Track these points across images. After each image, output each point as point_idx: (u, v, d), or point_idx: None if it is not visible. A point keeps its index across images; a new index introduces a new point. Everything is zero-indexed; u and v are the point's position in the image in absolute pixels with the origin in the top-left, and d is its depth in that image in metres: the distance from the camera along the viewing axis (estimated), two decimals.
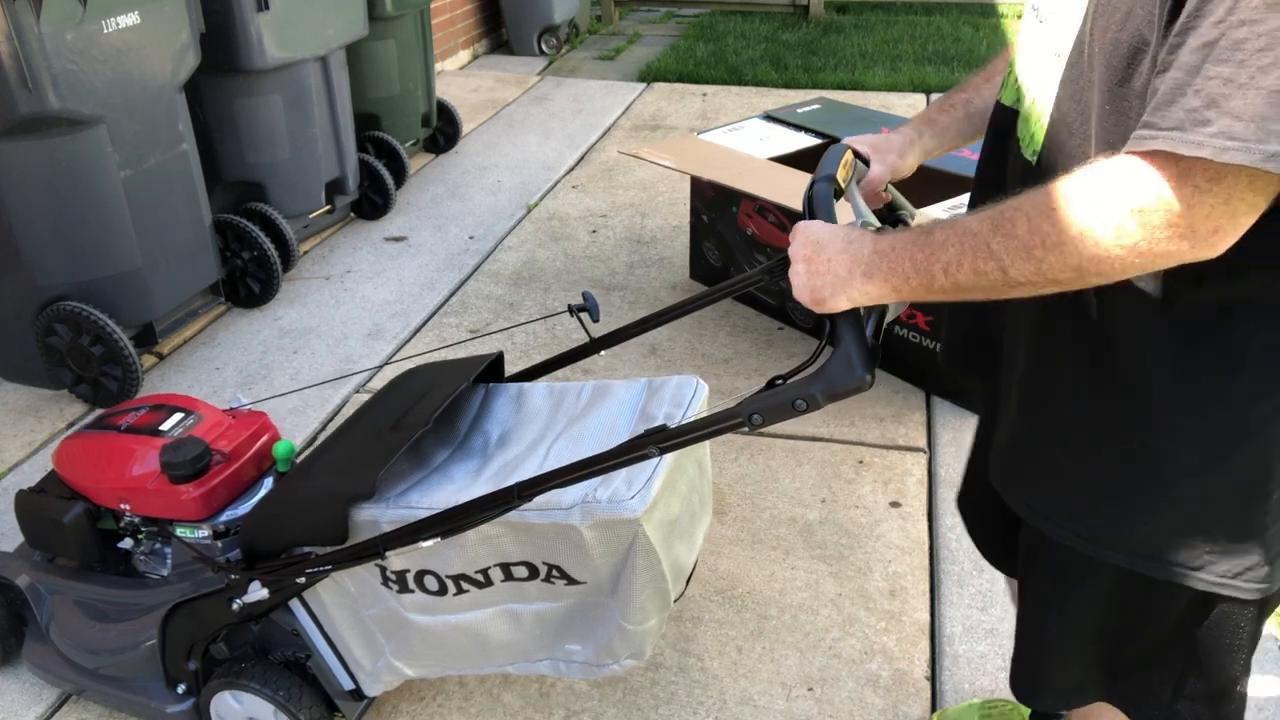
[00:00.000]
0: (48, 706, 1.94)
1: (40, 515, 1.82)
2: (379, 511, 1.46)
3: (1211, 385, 0.98)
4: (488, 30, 7.22)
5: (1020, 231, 0.89)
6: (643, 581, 1.42)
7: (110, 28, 2.61)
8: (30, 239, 2.67)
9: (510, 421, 1.67)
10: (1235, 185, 0.79)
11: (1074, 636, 1.22)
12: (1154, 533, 1.06)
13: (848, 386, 1.03)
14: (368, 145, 4.26)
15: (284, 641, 1.69)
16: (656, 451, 1.21)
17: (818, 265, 1.03)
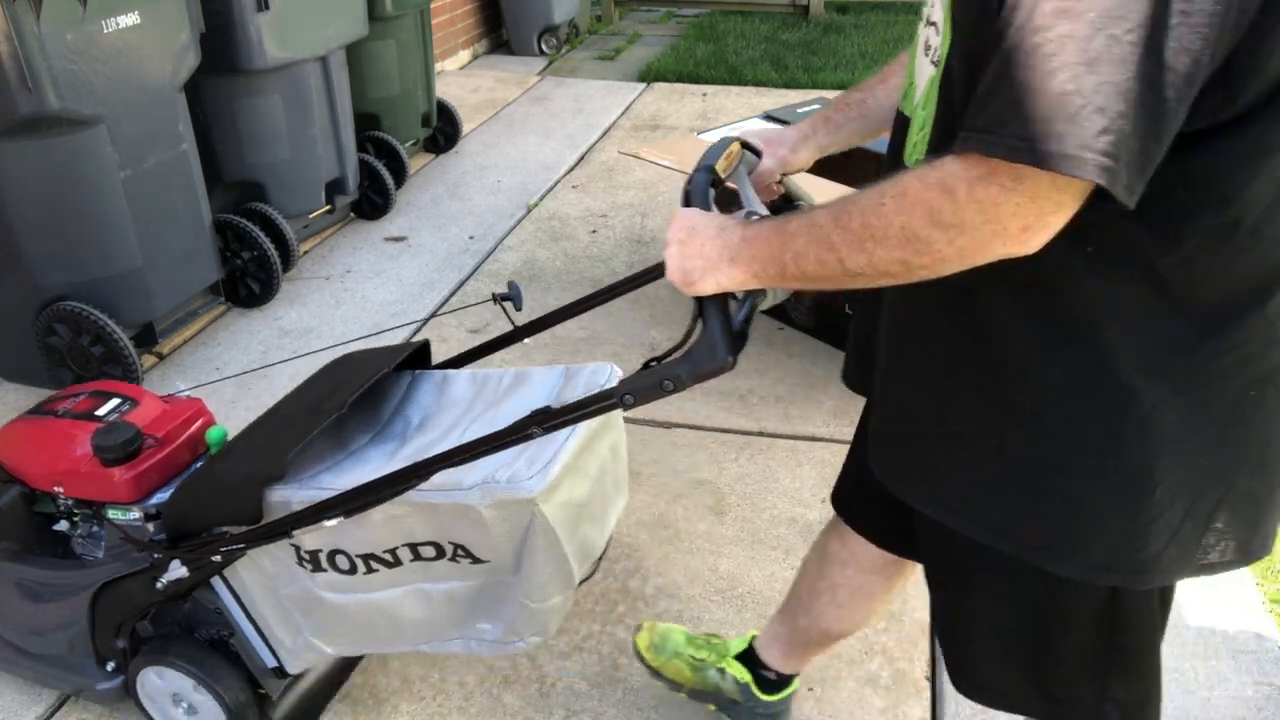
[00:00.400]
0: (48, 707, 1.94)
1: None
2: (291, 492, 1.51)
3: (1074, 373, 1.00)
4: (488, 30, 7.22)
5: (854, 225, 0.93)
6: (543, 560, 1.46)
7: (110, 28, 2.60)
8: (30, 239, 2.67)
9: (431, 407, 1.72)
10: (1038, 185, 0.82)
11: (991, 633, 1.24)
12: (1038, 524, 1.08)
13: (711, 368, 1.08)
14: (368, 145, 4.26)
15: (209, 620, 1.74)
16: (540, 431, 1.26)
17: (690, 249, 1.08)
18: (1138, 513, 1.03)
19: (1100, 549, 1.06)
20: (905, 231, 0.89)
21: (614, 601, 2.18)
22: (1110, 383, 0.98)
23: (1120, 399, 0.99)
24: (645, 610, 2.15)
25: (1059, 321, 0.99)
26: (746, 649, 1.81)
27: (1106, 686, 1.20)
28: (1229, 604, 2.17)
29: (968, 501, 1.12)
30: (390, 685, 1.98)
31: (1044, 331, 1.00)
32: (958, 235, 0.87)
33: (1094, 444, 1.01)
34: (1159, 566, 1.07)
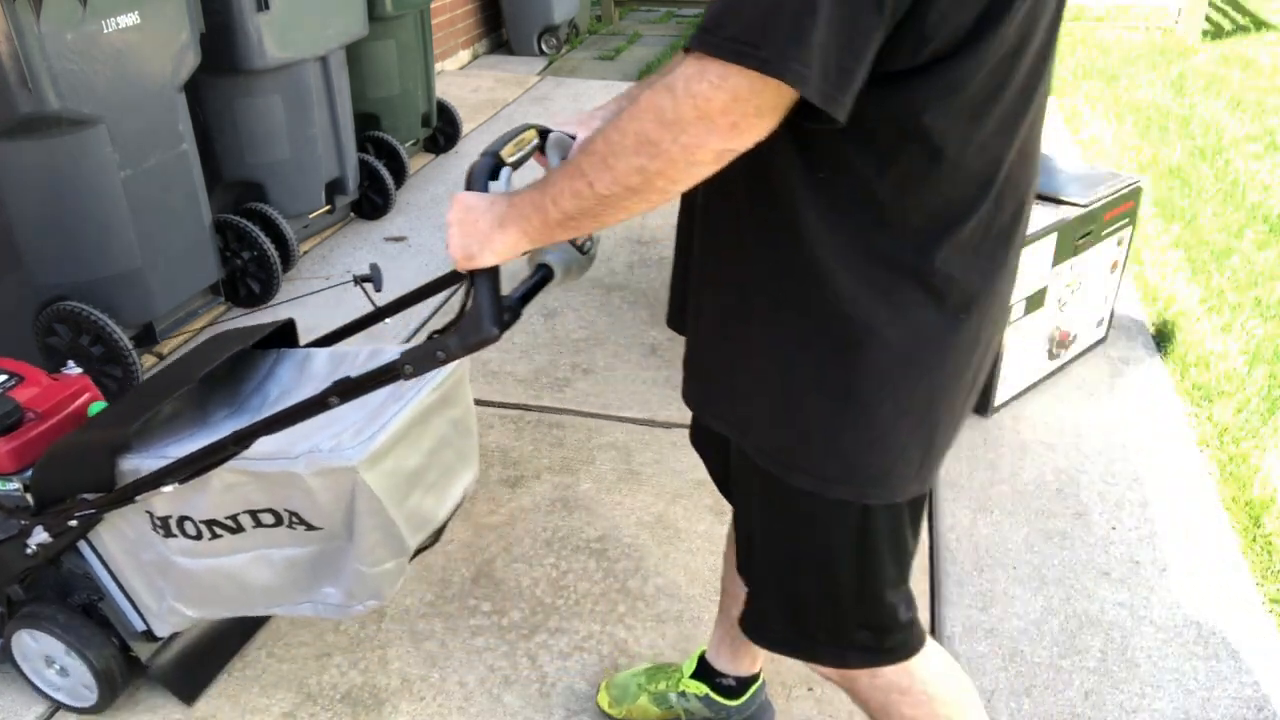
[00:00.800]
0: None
1: None
2: (141, 461, 1.62)
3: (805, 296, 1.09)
4: (488, 30, 7.22)
5: (599, 145, 0.99)
6: (369, 526, 1.54)
7: (110, 28, 2.60)
8: (30, 239, 2.67)
9: (290, 384, 1.81)
10: (740, 85, 0.89)
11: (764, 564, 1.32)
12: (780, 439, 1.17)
13: (478, 339, 1.16)
14: (368, 145, 4.26)
15: (80, 585, 1.82)
16: (337, 401, 1.37)
17: (467, 227, 1.13)
18: (865, 430, 1.12)
19: (834, 464, 1.15)
20: (639, 136, 0.95)
21: (614, 601, 2.18)
22: (837, 308, 1.07)
23: (844, 321, 1.08)
24: (645, 610, 2.15)
25: (797, 247, 1.07)
26: (699, 664, 1.83)
27: (855, 612, 1.28)
28: (1229, 604, 2.17)
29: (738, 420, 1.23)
30: (390, 685, 1.98)
31: (784, 258, 1.09)
32: (680, 133, 0.93)
33: (823, 363, 1.11)
34: (888, 483, 1.16)
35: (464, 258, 1.14)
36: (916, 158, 1.01)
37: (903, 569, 1.28)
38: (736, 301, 1.17)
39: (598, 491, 2.53)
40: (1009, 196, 1.09)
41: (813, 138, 0.99)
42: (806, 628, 1.32)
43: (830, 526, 1.21)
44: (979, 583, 2.22)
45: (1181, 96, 5.87)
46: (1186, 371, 3.03)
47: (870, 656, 1.31)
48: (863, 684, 1.36)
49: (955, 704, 1.36)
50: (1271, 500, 2.47)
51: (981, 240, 1.09)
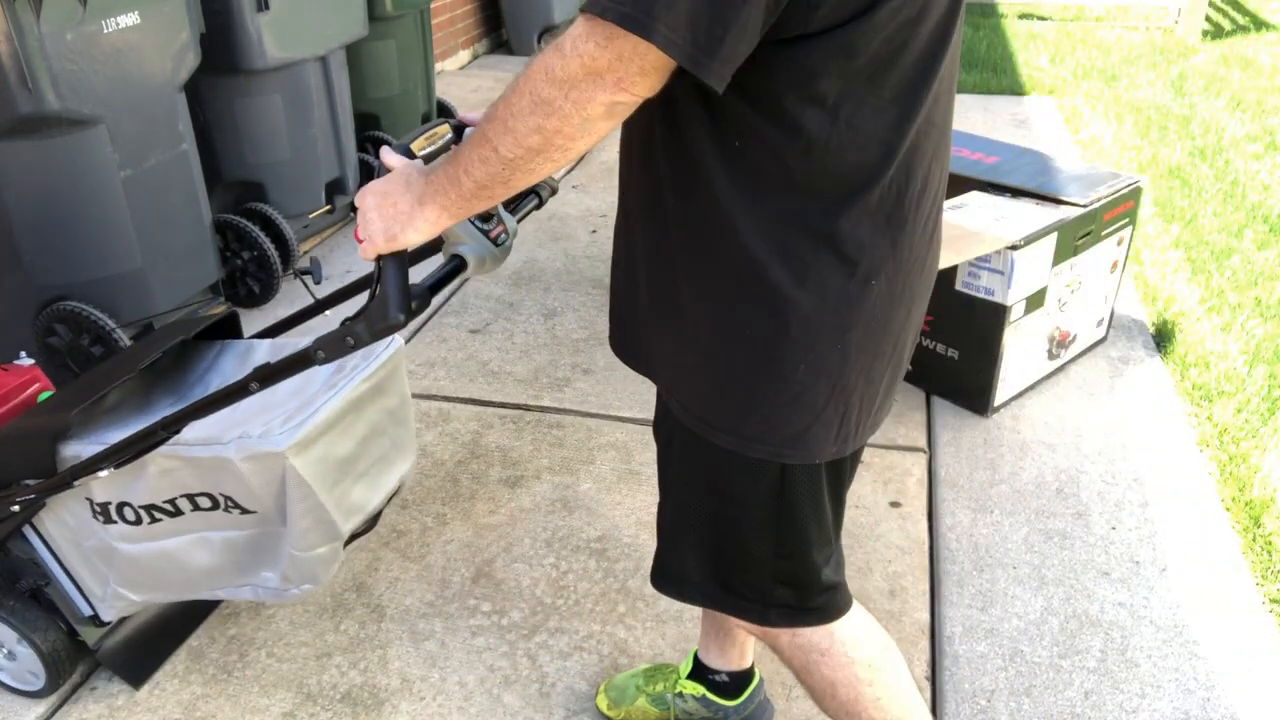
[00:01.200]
0: (48, 707, 1.94)
1: None
2: (81, 447, 1.65)
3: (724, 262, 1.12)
4: (488, 30, 7.22)
5: (499, 111, 1.02)
6: (300, 511, 1.58)
7: (110, 28, 2.60)
8: (30, 239, 2.67)
9: (232, 374, 1.84)
10: (624, 46, 0.93)
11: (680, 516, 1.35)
12: (702, 398, 1.21)
13: (385, 325, 1.17)
14: (368, 145, 4.26)
15: (27, 570, 1.85)
16: (258, 387, 1.40)
17: (386, 208, 1.14)
18: (782, 391, 1.16)
19: (753, 423, 1.18)
20: (534, 96, 0.98)
21: (614, 601, 2.18)
22: (751, 272, 1.10)
23: (759, 285, 1.11)
24: (645, 610, 2.15)
25: (714, 214, 1.10)
26: (694, 664, 1.83)
27: (776, 570, 1.30)
28: (1229, 604, 2.17)
29: (664, 376, 1.27)
30: (390, 685, 1.98)
31: (702, 223, 1.12)
32: (570, 89, 0.96)
33: (742, 326, 1.14)
34: (805, 443, 1.19)
35: (386, 239, 1.14)
36: (817, 123, 1.03)
37: (824, 530, 1.30)
38: (659, 262, 1.20)
39: (598, 491, 2.53)
40: (917, 164, 1.12)
41: (721, 105, 1.03)
42: (729, 583, 1.35)
43: (750, 485, 1.24)
44: (979, 583, 2.22)
45: (1181, 96, 5.87)
46: (1186, 371, 3.03)
47: (792, 615, 1.34)
48: (784, 642, 1.39)
49: (877, 667, 1.38)
50: (1271, 500, 2.46)
51: (893, 209, 1.11)
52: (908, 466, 2.61)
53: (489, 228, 1.31)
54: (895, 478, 2.57)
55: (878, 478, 2.57)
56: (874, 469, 2.60)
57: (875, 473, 2.59)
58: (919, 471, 2.60)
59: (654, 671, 1.90)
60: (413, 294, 1.18)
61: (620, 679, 1.92)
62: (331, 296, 1.81)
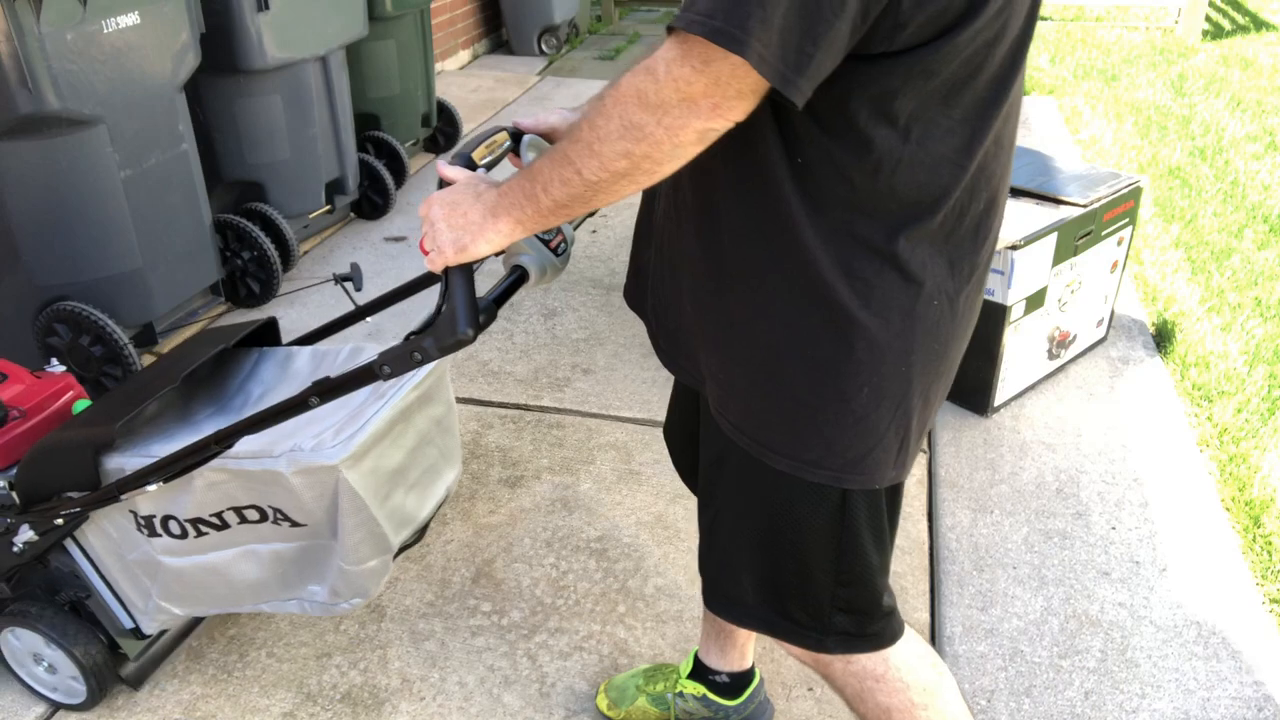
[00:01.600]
0: (48, 706, 1.94)
1: None
2: (125, 460, 1.63)
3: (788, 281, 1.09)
4: (488, 30, 7.22)
5: (584, 133, 0.99)
6: (352, 525, 1.55)
7: (110, 28, 2.60)
8: (30, 239, 2.67)
9: (272, 382, 1.82)
10: (721, 71, 0.90)
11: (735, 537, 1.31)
12: (760, 419, 1.18)
13: (454, 340, 1.15)
14: (368, 145, 4.26)
15: (67, 583, 1.83)
16: (318, 401, 1.37)
17: (456, 219, 1.12)
18: (844, 414, 1.13)
19: (812, 447, 1.15)
20: (623, 120, 0.96)
21: (614, 601, 2.18)
22: (816, 291, 1.08)
23: (824, 304, 1.08)
24: (645, 610, 2.15)
25: (776, 230, 1.08)
26: (694, 664, 1.83)
27: (835, 596, 1.27)
28: (1229, 604, 2.17)
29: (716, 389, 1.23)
30: (390, 685, 1.98)
31: (762, 237, 1.09)
32: (663, 115, 0.94)
33: (804, 345, 1.11)
34: (867, 467, 1.16)
35: (456, 250, 1.12)
36: (887, 142, 1.01)
37: (885, 555, 1.28)
38: (709, 272, 1.17)
39: (598, 491, 2.53)
40: (983, 186, 1.10)
41: (792, 118, 1.01)
42: (785, 609, 1.31)
43: (809, 510, 1.21)
44: (979, 583, 2.22)
45: (1181, 96, 5.87)
46: (1186, 371, 3.03)
47: (849, 642, 1.31)
48: (837, 669, 1.36)
49: (932, 691, 1.36)
50: (1271, 500, 2.46)
51: (954, 229, 1.10)
52: None
53: (549, 238, 1.29)
54: None
55: None
56: None
57: None
58: (919, 471, 2.60)
59: (654, 671, 1.90)
60: (480, 307, 1.15)
61: (620, 679, 1.92)
62: (373, 304, 1.78)
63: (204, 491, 1.59)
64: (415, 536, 1.76)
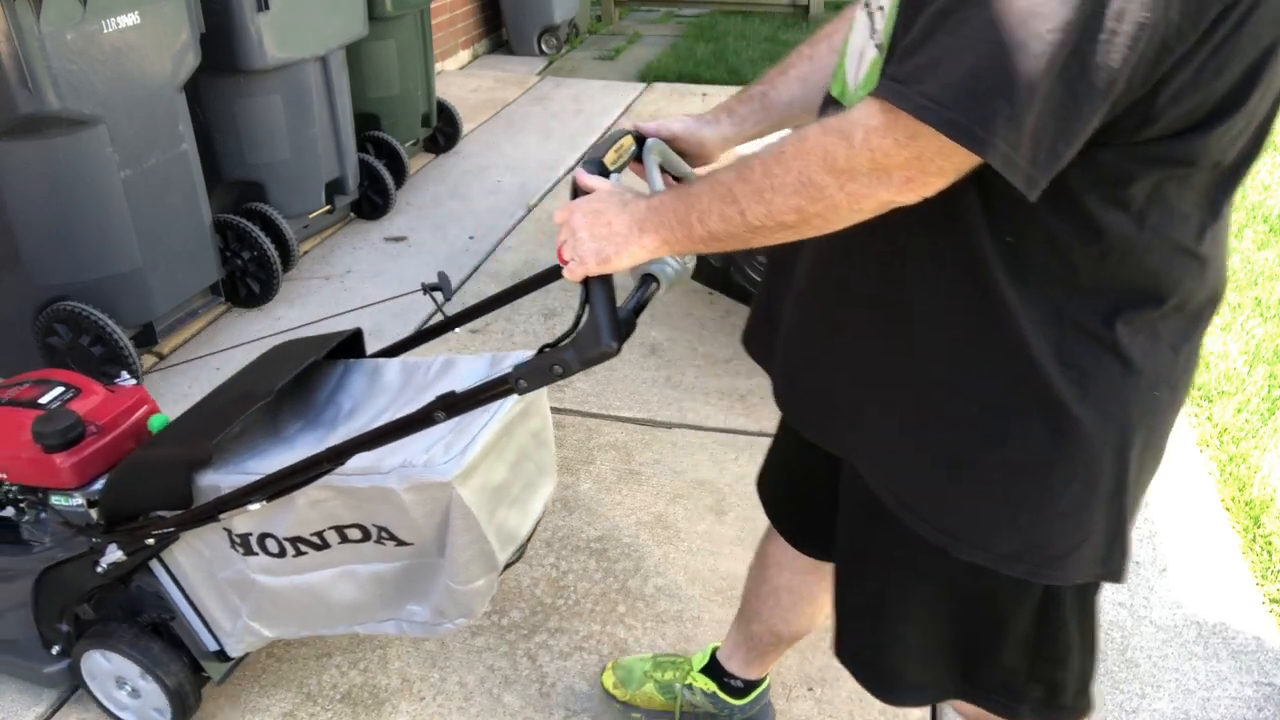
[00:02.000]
0: (48, 706, 1.94)
1: None
2: (220, 477, 1.56)
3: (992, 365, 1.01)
4: (488, 30, 7.22)
5: (756, 175, 0.96)
6: (463, 543, 1.49)
7: (110, 28, 2.60)
8: (30, 239, 2.67)
9: (362, 395, 1.76)
10: (927, 146, 0.85)
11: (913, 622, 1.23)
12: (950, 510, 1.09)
13: (596, 353, 1.10)
14: (368, 145, 4.26)
15: (150, 604, 1.77)
16: (444, 416, 1.30)
17: (599, 229, 1.08)
18: (1048, 508, 1.04)
19: (1008, 540, 1.06)
20: (802, 177, 0.92)
21: (614, 602, 2.18)
22: (1027, 379, 1.00)
23: (1035, 399, 1.00)
24: (645, 610, 2.15)
25: (979, 312, 1.00)
26: (709, 661, 1.82)
27: (1032, 671, 1.20)
28: (1229, 604, 2.17)
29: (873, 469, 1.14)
30: (390, 685, 1.98)
31: (964, 322, 1.02)
32: (849, 181, 0.90)
33: (1006, 439, 1.03)
34: (1072, 564, 1.07)
35: (598, 261, 1.07)
36: (1119, 227, 0.94)
37: (1091, 637, 1.20)
38: (898, 349, 1.08)
39: (598, 491, 2.53)
40: (1210, 271, 1.02)
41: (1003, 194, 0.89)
42: (971, 677, 1.23)
43: (1001, 603, 1.13)
44: None
45: None
46: None
47: (1044, 712, 1.23)
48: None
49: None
50: (1271, 500, 2.46)
51: (1179, 312, 1.01)
52: None
53: None
54: None
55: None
56: None
57: None
58: None
59: (664, 659, 1.90)
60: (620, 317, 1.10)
61: (629, 661, 1.92)
62: (462, 314, 1.72)
63: (305, 509, 1.52)
64: (517, 554, 1.68)
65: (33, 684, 1.95)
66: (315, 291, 3.62)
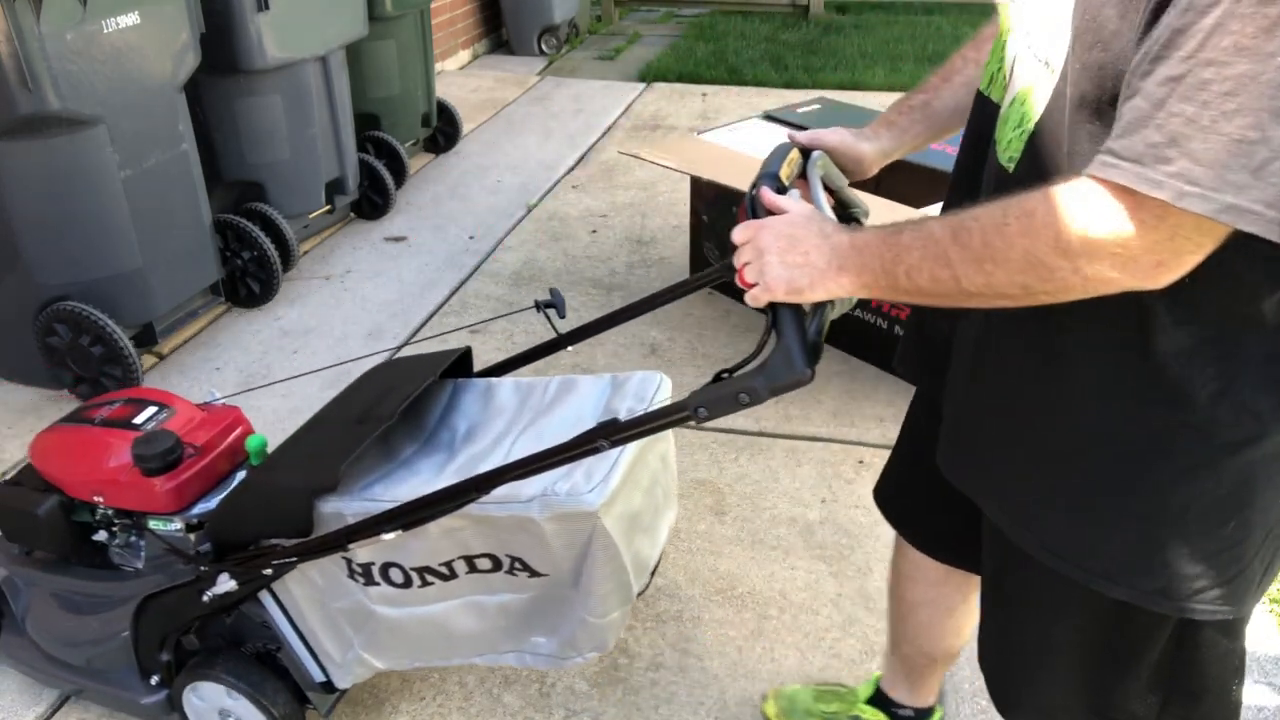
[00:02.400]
0: (48, 706, 1.94)
1: (15, 508, 1.82)
2: (343, 504, 1.48)
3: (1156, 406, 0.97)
4: (488, 30, 7.22)
5: (975, 243, 0.90)
6: (604, 574, 1.43)
7: (110, 28, 2.60)
8: (30, 239, 2.67)
9: (477, 416, 1.69)
10: (1181, 225, 0.79)
11: (1048, 652, 1.20)
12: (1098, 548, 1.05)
13: (789, 380, 1.03)
14: (368, 145, 4.26)
15: (255, 633, 1.71)
16: (607, 444, 1.22)
17: (794, 257, 1.01)
18: (1202, 545, 1.00)
19: (1158, 577, 1.02)
20: (1029, 256, 0.86)
21: None
22: (1192, 420, 0.95)
23: (1202, 436, 0.96)
24: (645, 610, 2.15)
25: (1147, 350, 0.95)
26: (875, 691, 1.78)
27: (1166, 704, 1.16)
28: None
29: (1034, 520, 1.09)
30: (390, 685, 1.98)
31: (1130, 361, 0.97)
32: (1086, 264, 0.83)
33: (1168, 481, 0.99)
34: (1225, 598, 1.04)
35: (787, 290, 1.01)
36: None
37: (1238, 671, 1.16)
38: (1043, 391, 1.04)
39: None
40: None
41: None
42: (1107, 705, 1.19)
43: (1148, 638, 1.09)
44: None
45: None
46: None
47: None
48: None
49: None
50: None
51: None
52: None
53: None
54: None
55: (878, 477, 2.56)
56: (874, 469, 2.60)
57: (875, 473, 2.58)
58: None
59: (827, 691, 1.86)
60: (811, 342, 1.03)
61: (791, 690, 1.87)
62: (573, 333, 1.65)
63: (438, 539, 1.46)
64: (646, 584, 1.59)
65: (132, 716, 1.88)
66: (315, 291, 3.62)
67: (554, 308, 1.63)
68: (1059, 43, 0.94)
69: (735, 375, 1.08)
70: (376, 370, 1.84)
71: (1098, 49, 0.87)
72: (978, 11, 7.97)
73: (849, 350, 3.09)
